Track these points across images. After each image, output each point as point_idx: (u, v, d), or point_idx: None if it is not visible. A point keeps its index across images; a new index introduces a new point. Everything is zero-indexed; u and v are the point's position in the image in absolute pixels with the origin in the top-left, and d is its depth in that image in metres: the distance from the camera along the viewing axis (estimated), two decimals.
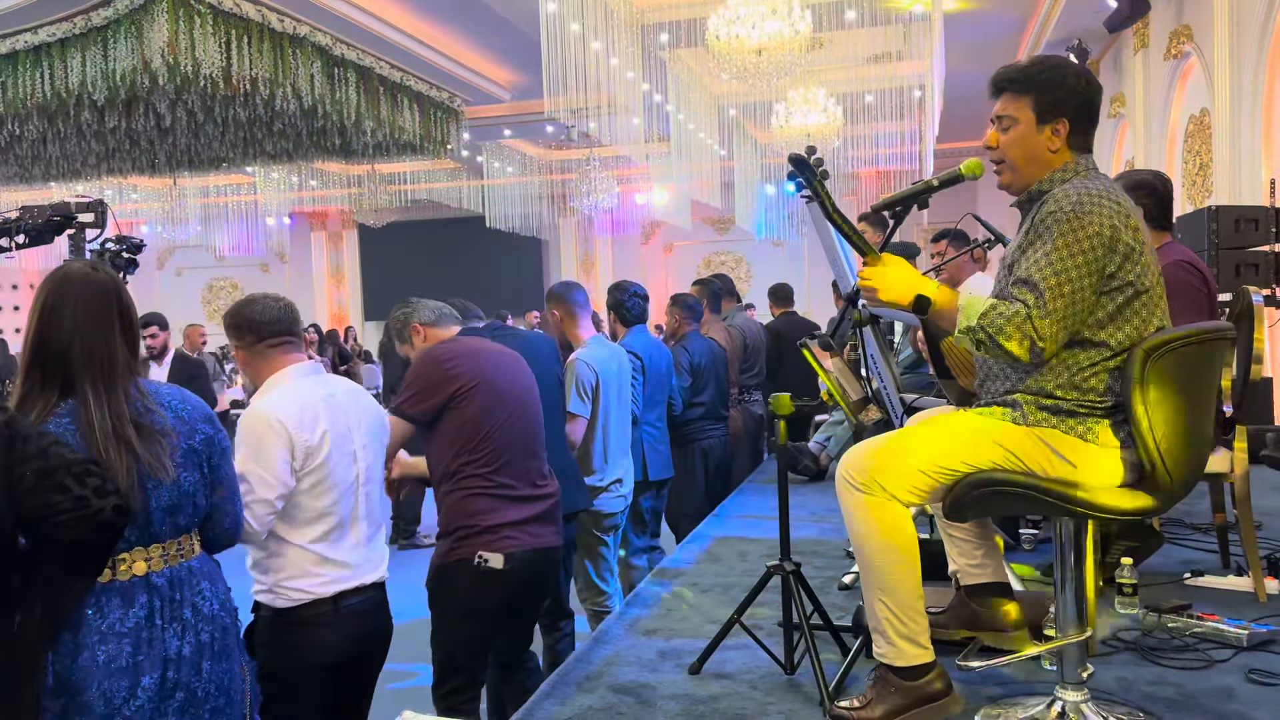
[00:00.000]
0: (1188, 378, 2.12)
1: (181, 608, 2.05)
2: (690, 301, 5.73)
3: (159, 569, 2.04)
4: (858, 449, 2.30)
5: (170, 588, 2.04)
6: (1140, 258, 2.16)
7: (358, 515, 2.67)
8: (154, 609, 2.01)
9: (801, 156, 2.30)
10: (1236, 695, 2.49)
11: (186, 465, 2.09)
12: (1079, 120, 2.24)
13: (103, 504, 1.75)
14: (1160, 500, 2.14)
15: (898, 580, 2.25)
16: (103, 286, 2.04)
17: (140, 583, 2.00)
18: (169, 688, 2.00)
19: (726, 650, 2.85)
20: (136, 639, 1.97)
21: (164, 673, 1.99)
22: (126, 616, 1.98)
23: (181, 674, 2.02)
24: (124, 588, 1.99)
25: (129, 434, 1.96)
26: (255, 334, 2.65)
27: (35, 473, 1.71)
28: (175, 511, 2.07)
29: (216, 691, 2.10)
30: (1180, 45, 8.99)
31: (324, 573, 2.59)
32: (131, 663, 1.96)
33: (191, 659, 2.04)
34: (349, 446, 2.66)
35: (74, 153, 12.40)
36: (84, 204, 3.99)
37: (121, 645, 1.96)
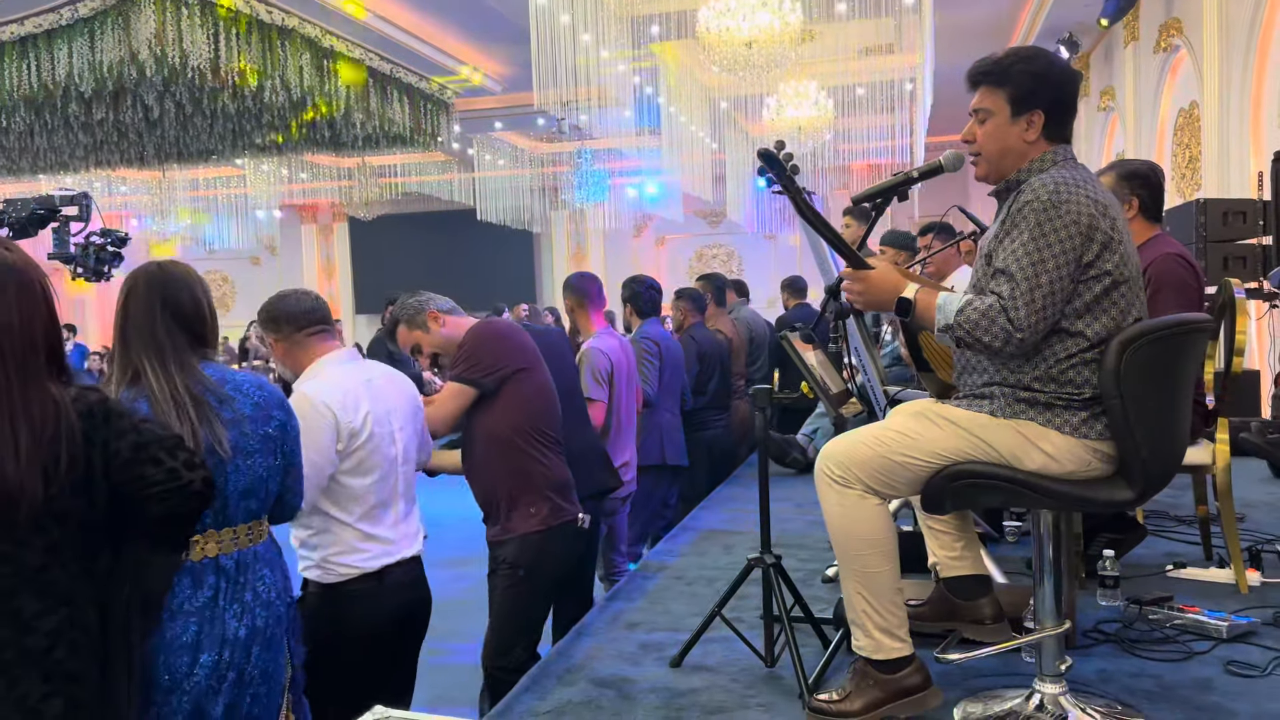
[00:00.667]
0: (1165, 369, 2.12)
1: (244, 591, 2.13)
2: (694, 294, 5.90)
3: (229, 552, 2.12)
4: (836, 443, 2.29)
5: (236, 570, 2.12)
6: (1119, 247, 2.16)
7: (397, 493, 2.80)
8: (219, 590, 2.09)
9: (770, 152, 2.28)
10: (1215, 687, 2.49)
11: (263, 451, 2.17)
12: (1054, 111, 2.24)
13: (193, 476, 1.79)
14: (1138, 492, 2.14)
15: (876, 573, 2.25)
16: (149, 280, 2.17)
17: (210, 564, 2.09)
18: (223, 668, 2.07)
19: (708, 643, 2.84)
20: (201, 618, 2.06)
21: (220, 653, 2.07)
22: (194, 596, 2.06)
23: (235, 655, 2.09)
24: (194, 569, 2.07)
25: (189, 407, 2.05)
26: (294, 324, 2.76)
27: (130, 446, 1.75)
28: (249, 496, 2.15)
29: (260, 677, 2.16)
30: (1170, 38, 8.99)
31: (369, 548, 2.71)
32: (194, 640, 2.04)
33: (245, 642, 2.11)
34: (389, 428, 2.76)
35: (61, 145, 12.34)
36: (68, 197, 3.96)
37: (188, 623, 2.04)
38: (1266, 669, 2.57)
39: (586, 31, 8.74)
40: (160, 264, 2.22)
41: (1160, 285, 3.07)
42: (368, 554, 2.71)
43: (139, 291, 2.16)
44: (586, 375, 4.21)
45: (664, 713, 2.48)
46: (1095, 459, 2.15)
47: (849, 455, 2.25)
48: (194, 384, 2.10)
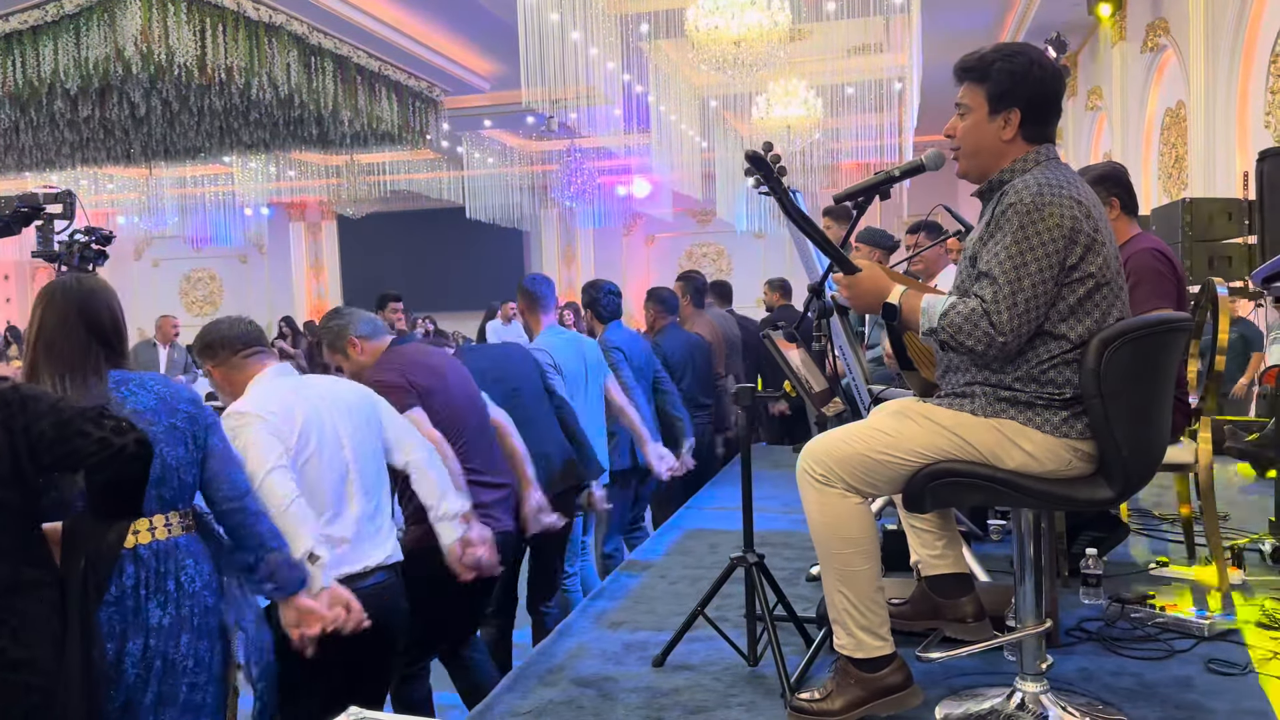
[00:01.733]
0: (1145, 368, 2.12)
1: (165, 580, 2.13)
2: (665, 295, 5.79)
3: (146, 542, 2.13)
4: (818, 441, 2.29)
5: (156, 560, 2.13)
6: (1101, 249, 2.15)
7: (352, 493, 2.74)
8: (140, 580, 2.10)
9: (758, 154, 2.28)
10: (1195, 685, 2.50)
11: (169, 441, 2.18)
12: (1032, 110, 2.22)
13: (124, 440, 1.85)
14: (1118, 490, 2.14)
15: (857, 572, 2.25)
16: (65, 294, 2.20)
17: (128, 555, 2.09)
18: (150, 656, 2.09)
19: (691, 642, 2.84)
20: (122, 607, 2.07)
21: (145, 641, 2.08)
22: (114, 586, 2.07)
23: (161, 643, 2.10)
24: None
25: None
26: (229, 348, 2.76)
27: (52, 425, 1.81)
28: (159, 485, 2.15)
29: (195, 666, 2.17)
30: (1157, 38, 9.02)
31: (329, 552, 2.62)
32: (119, 629, 2.06)
33: (171, 629, 2.12)
34: (331, 430, 2.73)
35: (47, 142, 12.24)
36: (52, 195, 3.94)
37: (108, 613, 2.05)
38: (1246, 668, 2.58)
39: (576, 29, 8.72)
40: (79, 276, 2.26)
41: (1138, 279, 3.08)
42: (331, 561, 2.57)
43: (57, 304, 2.19)
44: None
45: (645, 712, 2.47)
46: (1075, 458, 2.15)
47: (830, 453, 2.24)
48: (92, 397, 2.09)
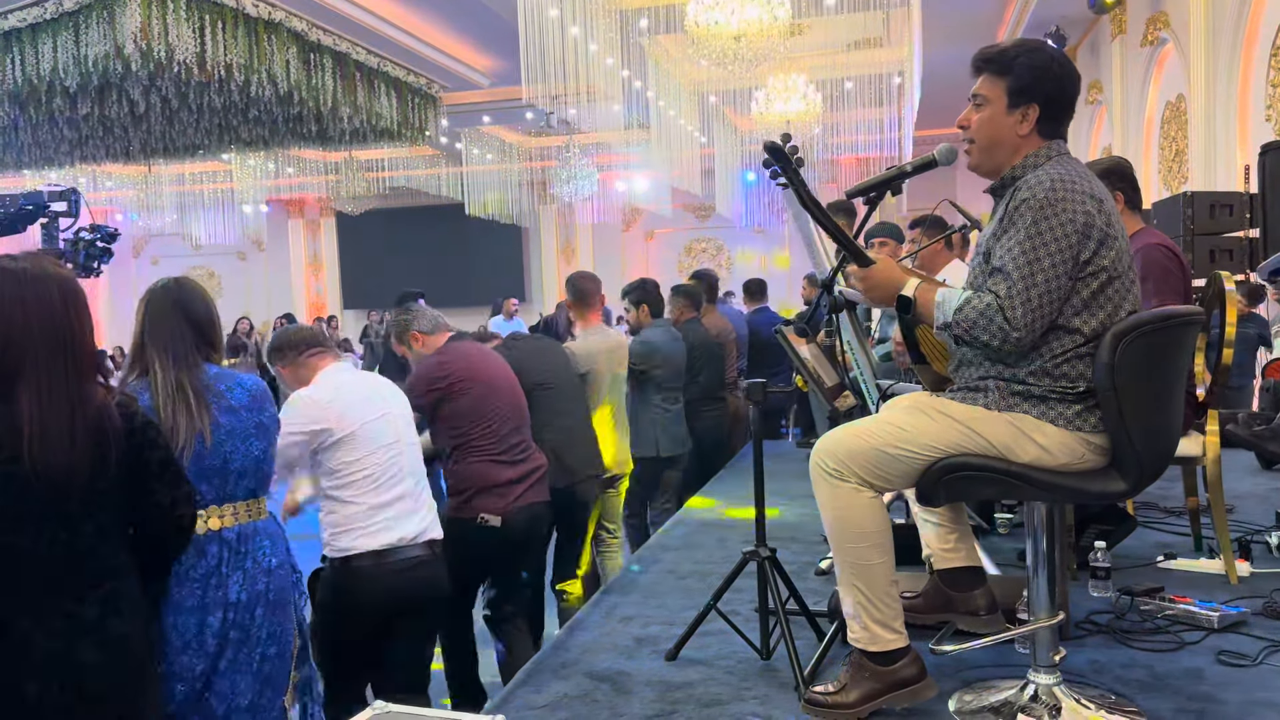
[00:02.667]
0: (1158, 362, 2.13)
1: (245, 559, 2.37)
2: (690, 290, 6.13)
3: (230, 525, 2.37)
4: (831, 436, 2.30)
5: (238, 541, 2.37)
6: (1114, 243, 2.16)
7: (400, 472, 3.13)
8: (221, 559, 2.33)
9: (777, 144, 2.28)
10: (1206, 677, 2.51)
11: (257, 436, 2.43)
12: (1050, 107, 2.23)
13: (185, 511, 2.09)
14: (1131, 484, 2.15)
15: (871, 566, 2.26)
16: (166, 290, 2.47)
17: (213, 536, 2.33)
18: (228, 628, 2.31)
19: (703, 636, 2.85)
20: (205, 584, 2.30)
21: (225, 614, 2.31)
22: (198, 565, 2.30)
23: (239, 617, 2.33)
24: (197, 540, 2.28)
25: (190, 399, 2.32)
26: (295, 349, 3.20)
27: (158, 461, 2.03)
28: (246, 475, 2.41)
29: (268, 637, 2.40)
30: (1157, 31, 9.03)
31: (375, 523, 3.05)
32: (200, 603, 2.29)
33: (248, 604, 2.35)
34: (380, 415, 3.12)
35: (46, 140, 12.23)
36: (57, 192, 3.96)
37: (193, 589, 2.29)
38: (1257, 658, 2.59)
39: (575, 25, 8.72)
40: (177, 279, 2.52)
41: (1145, 275, 3.10)
42: (373, 529, 3.03)
43: (157, 298, 2.44)
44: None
45: (660, 705, 2.49)
46: (1088, 451, 2.16)
47: (844, 448, 2.25)
48: (196, 380, 2.35)
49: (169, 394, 2.30)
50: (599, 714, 2.46)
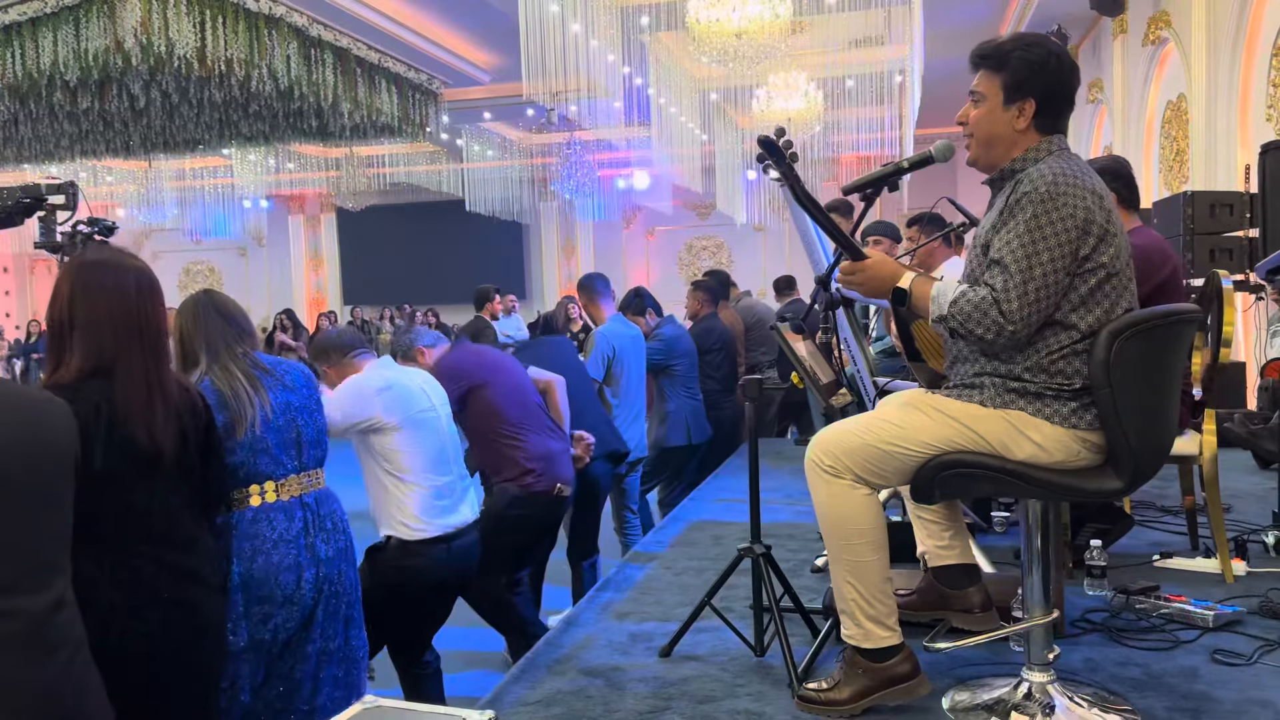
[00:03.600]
0: (1154, 360, 2.12)
1: (325, 521, 2.65)
2: (710, 286, 6.53)
3: (308, 491, 2.64)
4: (826, 432, 2.29)
5: (316, 505, 2.65)
6: (1114, 240, 2.15)
7: (445, 459, 3.37)
8: (307, 522, 2.60)
9: (770, 139, 2.28)
10: (1201, 675, 2.51)
11: (318, 410, 2.73)
12: (1047, 102, 2.22)
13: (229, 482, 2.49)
14: (1126, 481, 2.14)
15: (865, 563, 2.25)
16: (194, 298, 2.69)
17: (296, 503, 2.60)
18: (320, 581, 2.59)
19: (698, 633, 2.85)
20: (298, 545, 2.56)
21: (318, 570, 2.59)
22: (289, 528, 2.56)
23: (328, 572, 2.62)
24: (285, 506, 2.57)
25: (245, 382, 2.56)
26: (339, 351, 3.41)
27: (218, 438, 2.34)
28: (315, 445, 2.69)
29: (350, 588, 2.72)
30: (1158, 31, 9.01)
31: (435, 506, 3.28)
32: (296, 562, 2.55)
33: (334, 560, 2.64)
34: (427, 406, 3.33)
35: (47, 134, 12.21)
36: (55, 185, 3.95)
37: (289, 549, 2.55)
38: (1252, 657, 2.59)
39: (576, 21, 8.71)
40: (209, 291, 2.75)
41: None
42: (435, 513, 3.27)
43: (199, 304, 2.65)
44: (591, 357, 4.99)
45: (653, 702, 2.48)
46: (1084, 449, 2.15)
47: (839, 445, 2.25)
48: (246, 366, 2.58)
49: (228, 379, 2.53)
50: (593, 710, 2.46)
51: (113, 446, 2.00)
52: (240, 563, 2.49)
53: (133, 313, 2.09)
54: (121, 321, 2.07)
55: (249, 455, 2.52)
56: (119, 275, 2.10)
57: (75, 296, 2.07)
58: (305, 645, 2.58)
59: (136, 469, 2.04)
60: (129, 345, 2.07)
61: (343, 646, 2.69)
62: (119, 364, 2.05)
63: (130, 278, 2.11)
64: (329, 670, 2.64)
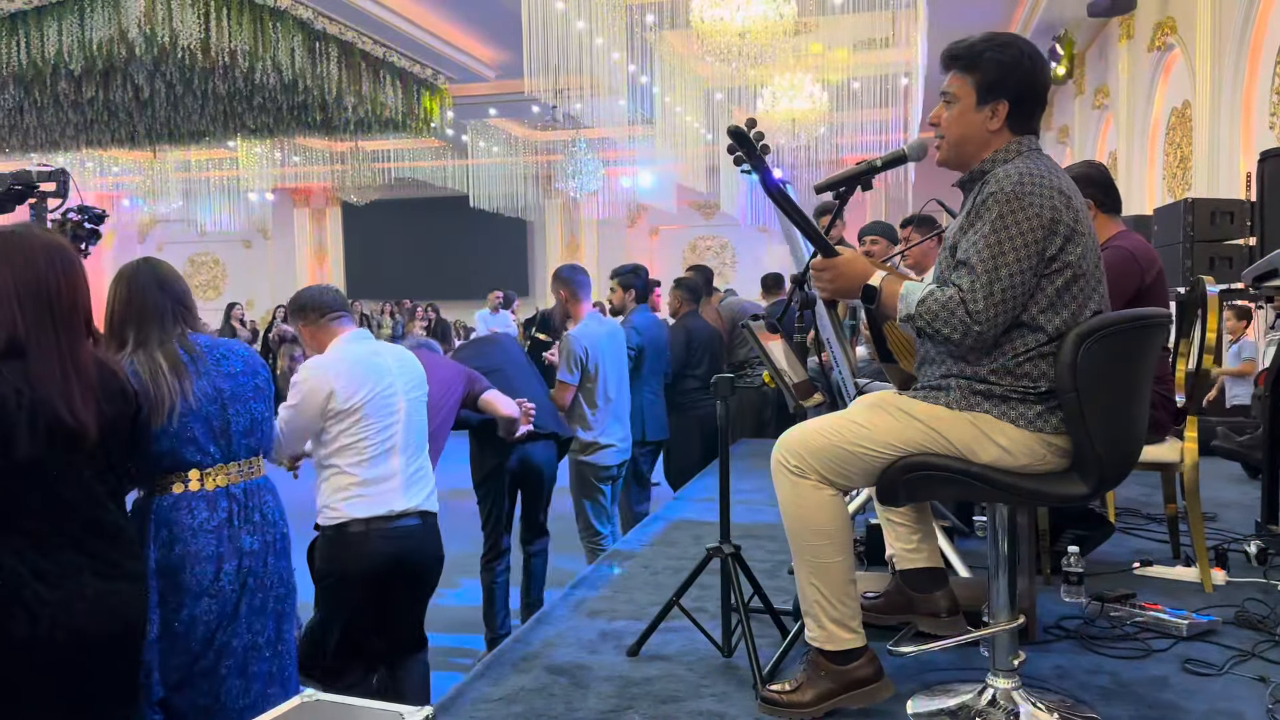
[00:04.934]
0: (1122, 364, 2.10)
1: (253, 513, 2.58)
2: (691, 284, 6.38)
3: (236, 482, 2.57)
4: (792, 432, 2.27)
5: (244, 496, 2.57)
6: (1081, 240, 2.13)
7: (396, 447, 3.15)
8: (232, 513, 2.53)
9: (740, 129, 2.25)
10: (1171, 685, 2.48)
11: (255, 398, 2.63)
12: (1020, 102, 2.20)
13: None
14: (1092, 486, 2.12)
15: (829, 564, 2.23)
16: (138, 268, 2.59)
17: (221, 492, 2.53)
18: (243, 574, 2.52)
19: (667, 632, 2.83)
20: (219, 536, 2.49)
21: (239, 562, 2.52)
22: (211, 518, 2.49)
23: (253, 564, 2.55)
24: (209, 496, 2.51)
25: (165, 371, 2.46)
26: (317, 311, 3.24)
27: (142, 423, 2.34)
28: (248, 435, 2.61)
29: (279, 582, 2.65)
30: (1164, 37, 8.96)
31: (366, 494, 3.09)
32: (215, 553, 2.49)
33: (260, 554, 2.57)
34: (390, 391, 3.14)
35: (51, 123, 12.25)
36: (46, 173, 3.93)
37: (208, 540, 2.49)
38: (1223, 667, 2.56)
39: (581, 19, 8.69)
40: (148, 259, 2.65)
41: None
42: (366, 500, 3.08)
43: (140, 275, 2.56)
44: (561, 359, 4.81)
45: (616, 701, 2.46)
46: (1050, 453, 2.13)
47: (804, 444, 2.23)
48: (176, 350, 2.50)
49: (150, 364, 2.44)
50: (554, 708, 2.44)
51: (35, 432, 1.94)
52: (157, 549, 2.45)
53: (42, 286, 1.99)
54: (29, 295, 1.98)
55: (172, 443, 2.45)
56: (25, 248, 2.01)
57: None
58: (230, 639, 2.51)
59: (59, 456, 1.98)
60: (40, 321, 1.98)
61: (273, 641, 2.62)
62: (31, 342, 1.97)
63: (38, 250, 2.02)
64: (259, 665, 2.57)
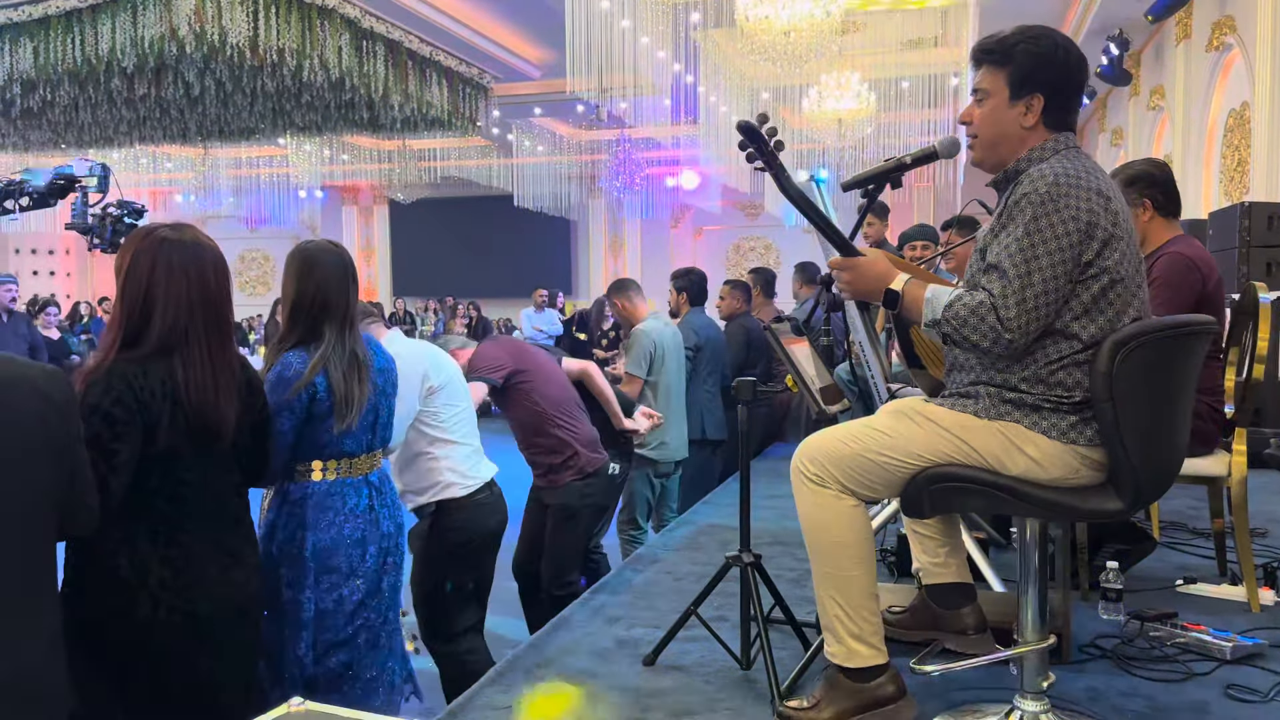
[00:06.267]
0: (1161, 373, 1.98)
1: (387, 498, 2.72)
2: (744, 285, 6.52)
3: (374, 470, 2.70)
4: (813, 439, 2.18)
5: (379, 483, 2.70)
6: (1119, 244, 2.02)
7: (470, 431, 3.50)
8: (373, 499, 2.65)
9: (751, 124, 2.16)
10: (1211, 711, 2.35)
11: (389, 394, 2.74)
12: (1055, 96, 2.10)
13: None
14: (1127, 502, 2.01)
15: (850, 578, 2.14)
16: (344, 259, 2.65)
17: (362, 480, 2.64)
18: (383, 555, 2.65)
19: (686, 642, 2.75)
20: (365, 520, 2.62)
21: (380, 544, 2.65)
22: (357, 505, 2.61)
23: (389, 545, 2.68)
24: (355, 484, 2.62)
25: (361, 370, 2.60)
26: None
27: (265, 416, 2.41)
28: (386, 427, 2.74)
29: (403, 563, 2.77)
30: (1223, 37, 8.71)
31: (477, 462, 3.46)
32: (362, 536, 2.61)
33: (395, 535, 2.71)
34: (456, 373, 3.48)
35: (105, 120, 12.44)
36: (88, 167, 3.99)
37: (357, 524, 2.61)
38: (1269, 694, 2.42)
39: (626, 17, 8.66)
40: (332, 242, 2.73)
41: (1156, 281, 2.98)
42: (478, 468, 3.45)
43: (329, 260, 2.60)
44: (632, 354, 5.02)
45: (628, 713, 2.39)
46: (1083, 466, 2.02)
47: (826, 452, 2.14)
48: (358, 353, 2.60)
49: (343, 364, 2.54)
50: (565, 718, 2.37)
51: (176, 425, 2.07)
52: (314, 533, 2.55)
53: (210, 293, 2.15)
54: (199, 301, 2.13)
55: (336, 436, 2.57)
56: (198, 255, 2.17)
57: (157, 273, 2.12)
58: (370, 615, 2.64)
59: (196, 447, 2.11)
60: (199, 324, 2.13)
61: (396, 618, 2.78)
62: (188, 342, 2.11)
63: (209, 257, 2.19)
64: (385, 639, 2.71)
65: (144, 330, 2.10)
